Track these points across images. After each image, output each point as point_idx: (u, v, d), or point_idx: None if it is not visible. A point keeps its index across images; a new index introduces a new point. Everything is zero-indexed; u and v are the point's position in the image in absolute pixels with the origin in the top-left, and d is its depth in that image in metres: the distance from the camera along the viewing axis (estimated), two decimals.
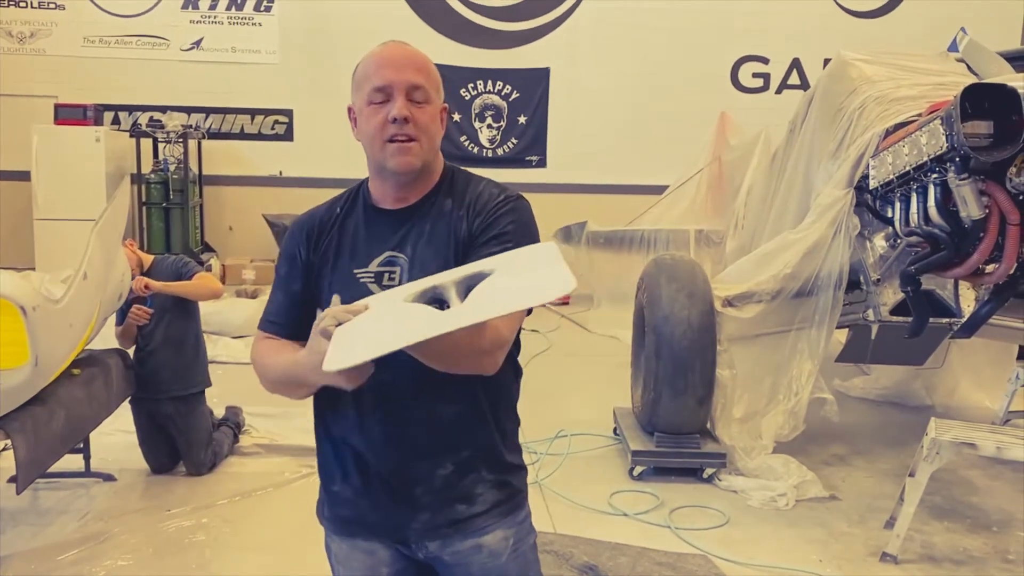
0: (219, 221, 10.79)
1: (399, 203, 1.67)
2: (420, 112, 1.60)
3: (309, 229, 1.70)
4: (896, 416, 5.53)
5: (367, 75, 1.62)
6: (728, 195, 7.66)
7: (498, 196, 1.66)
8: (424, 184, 1.68)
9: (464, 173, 1.74)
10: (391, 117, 1.57)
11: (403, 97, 1.58)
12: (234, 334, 7.15)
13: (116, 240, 3.80)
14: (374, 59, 1.63)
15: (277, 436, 4.76)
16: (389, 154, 1.60)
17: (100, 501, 3.98)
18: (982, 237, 3.62)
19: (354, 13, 10.44)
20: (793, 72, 10.92)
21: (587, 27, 10.75)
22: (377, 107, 1.59)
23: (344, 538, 1.71)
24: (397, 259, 1.61)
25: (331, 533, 1.74)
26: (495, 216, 1.62)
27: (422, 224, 1.65)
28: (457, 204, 1.66)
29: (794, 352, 4.46)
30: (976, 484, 4.37)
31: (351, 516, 1.68)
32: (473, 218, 1.63)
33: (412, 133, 1.58)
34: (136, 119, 10.40)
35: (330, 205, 1.74)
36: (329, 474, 1.70)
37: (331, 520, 1.73)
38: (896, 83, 4.56)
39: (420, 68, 1.62)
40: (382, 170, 1.64)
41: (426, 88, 1.61)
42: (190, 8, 10.44)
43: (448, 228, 1.63)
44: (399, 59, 1.61)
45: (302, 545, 3.56)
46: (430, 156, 1.65)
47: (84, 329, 3.42)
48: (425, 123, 1.60)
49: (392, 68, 1.60)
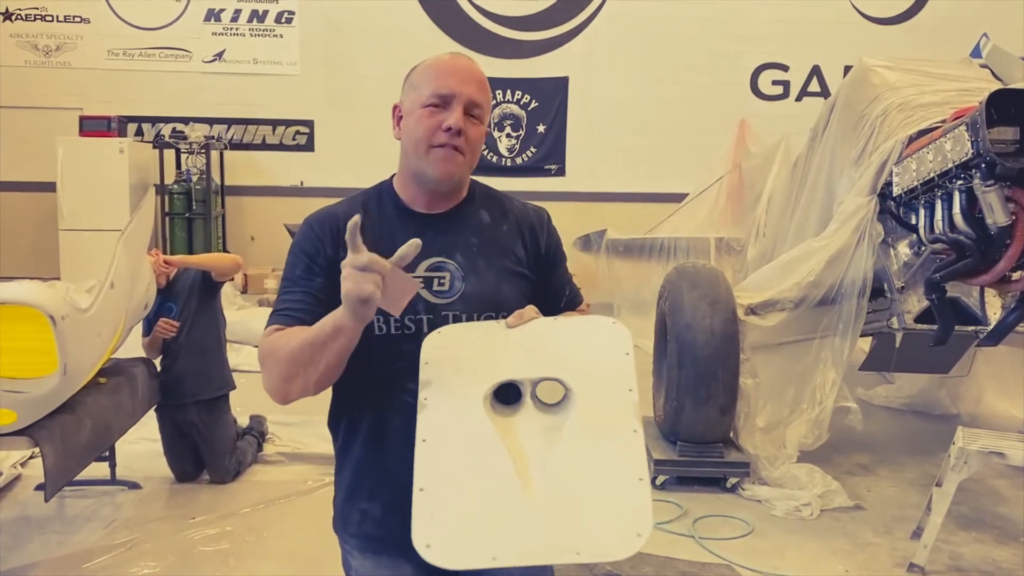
0: (241, 231, 10.87)
1: (431, 208, 1.68)
2: (473, 129, 1.61)
3: (333, 227, 1.62)
4: (920, 425, 5.48)
5: (428, 79, 1.61)
6: (748, 203, 7.63)
7: (545, 214, 1.78)
8: (455, 194, 1.70)
9: (485, 186, 1.77)
10: (446, 126, 1.57)
11: (462, 109, 1.58)
12: (256, 343, 7.15)
13: (142, 250, 3.85)
14: (439, 65, 1.63)
15: (300, 445, 4.78)
16: (433, 159, 1.59)
17: (126, 509, 4.01)
18: (1009, 244, 3.58)
19: (374, 24, 10.52)
20: (813, 79, 10.87)
21: (605, 36, 10.76)
22: (433, 111, 1.59)
23: (369, 555, 1.69)
24: (446, 265, 1.61)
25: (353, 550, 1.72)
26: (557, 237, 1.78)
27: (466, 234, 1.66)
28: (497, 217, 1.71)
29: (818, 361, 4.43)
30: (1003, 494, 4.32)
31: (380, 534, 1.66)
32: (531, 235, 1.72)
33: (461, 146, 1.59)
34: (159, 130, 10.51)
35: (350, 204, 1.69)
36: (355, 492, 1.69)
37: (357, 537, 1.71)
38: (919, 89, 4.54)
39: (482, 86, 1.63)
40: (420, 175, 1.63)
41: (483, 107, 1.63)
42: (212, 20, 10.56)
43: (497, 241, 1.69)
44: (464, 72, 1.62)
45: (325, 553, 3.56)
46: (468, 173, 1.67)
47: (111, 338, 3.46)
48: (474, 140, 1.62)
49: (456, 78, 1.60)
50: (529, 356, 1.50)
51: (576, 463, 1.40)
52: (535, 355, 1.50)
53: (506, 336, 1.53)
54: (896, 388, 5.92)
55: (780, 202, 6.28)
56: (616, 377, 1.49)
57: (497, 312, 1.61)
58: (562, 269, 1.79)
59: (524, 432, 1.44)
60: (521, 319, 1.52)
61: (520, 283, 1.68)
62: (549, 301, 1.74)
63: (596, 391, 1.47)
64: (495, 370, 1.48)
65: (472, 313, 1.60)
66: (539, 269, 1.72)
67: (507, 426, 1.45)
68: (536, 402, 1.49)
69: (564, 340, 1.53)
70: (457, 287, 1.61)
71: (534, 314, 1.54)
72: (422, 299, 1.58)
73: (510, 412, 1.48)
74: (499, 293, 1.64)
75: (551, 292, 1.76)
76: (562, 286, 1.79)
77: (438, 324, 1.57)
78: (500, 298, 1.63)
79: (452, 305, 1.60)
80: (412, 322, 1.58)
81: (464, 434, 1.42)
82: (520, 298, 1.66)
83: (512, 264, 1.68)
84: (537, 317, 1.54)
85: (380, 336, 1.57)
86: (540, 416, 1.47)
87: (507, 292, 1.65)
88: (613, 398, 1.47)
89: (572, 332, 1.55)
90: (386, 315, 1.48)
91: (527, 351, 1.51)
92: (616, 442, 1.42)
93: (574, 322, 1.58)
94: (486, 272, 1.63)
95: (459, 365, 1.49)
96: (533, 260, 1.71)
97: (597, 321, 1.57)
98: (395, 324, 1.57)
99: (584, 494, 1.37)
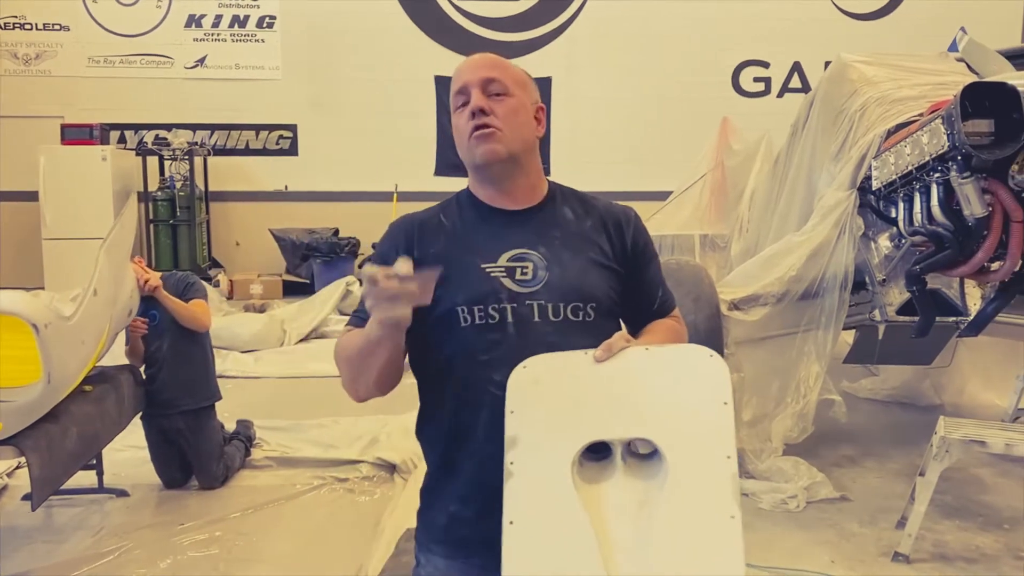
0: (226, 237, 10.86)
1: (509, 203, 1.68)
2: (498, 104, 1.62)
3: (408, 230, 1.68)
4: (905, 416, 5.53)
5: (452, 87, 1.68)
6: (732, 200, 7.67)
7: (632, 212, 1.76)
8: (528, 185, 1.70)
9: (567, 186, 1.77)
10: (469, 111, 1.61)
11: (478, 90, 1.62)
12: (243, 348, 7.18)
13: (125, 257, 3.84)
14: (455, 72, 1.69)
15: (288, 449, 4.77)
16: (474, 146, 1.62)
17: (114, 517, 4.00)
18: (986, 235, 3.63)
19: (356, 27, 10.53)
20: (794, 76, 10.96)
21: (587, 36, 10.82)
22: (461, 110, 1.64)
23: (455, 560, 1.66)
24: (529, 255, 1.61)
25: (440, 556, 1.68)
26: (646, 235, 1.75)
27: (549, 229, 1.67)
28: (581, 213, 1.71)
29: (801, 354, 4.46)
30: (986, 482, 4.36)
31: (471, 536, 1.60)
32: (616, 230, 1.70)
33: (490, 121, 1.60)
34: (142, 137, 10.49)
35: (430, 209, 1.74)
36: (443, 494, 1.66)
37: (444, 544, 1.67)
38: (896, 84, 4.58)
39: (494, 65, 1.66)
40: (475, 168, 1.66)
41: (502, 80, 1.64)
42: (193, 26, 10.55)
43: (581, 234, 1.68)
44: (474, 62, 1.68)
45: (317, 557, 3.60)
46: (516, 146, 1.64)
47: (95, 346, 3.45)
48: (504, 113, 1.62)
49: (467, 71, 1.66)
50: (620, 406, 1.42)
51: (668, 557, 1.31)
52: (626, 404, 1.42)
53: (595, 373, 1.44)
54: (881, 380, 5.96)
55: (762, 198, 6.31)
56: (713, 438, 1.39)
57: (584, 302, 1.60)
58: (654, 268, 1.76)
59: (613, 506, 1.36)
60: (610, 351, 1.46)
61: (607, 275, 1.66)
62: (642, 300, 1.73)
63: (692, 457, 1.38)
64: (584, 426, 1.40)
65: (558, 302, 1.59)
66: (628, 265, 1.70)
67: (595, 496, 1.37)
68: (626, 458, 1.42)
69: (658, 381, 1.43)
70: (540, 276, 1.60)
71: (623, 343, 1.47)
72: (505, 288, 1.58)
73: (599, 473, 1.41)
74: (585, 282, 1.62)
75: (643, 291, 1.73)
76: (655, 286, 1.75)
77: (522, 312, 1.57)
78: (586, 287, 1.62)
79: (536, 294, 1.59)
80: (496, 311, 1.57)
81: (551, 516, 1.34)
82: (608, 290, 1.65)
83: (598, 256, 1.66)
84: (626, 347, 1.47)
85: (465, 328, 1.58)
86: (630, 483, 1.39)
87: (593, 281, 1.63)
88: (710, 468, 1.37)
89: (666, 368, 1.46)
90: (469, 306, 1.56)
91: (617, 399, 1.42)
92: (712, 532, 1.32)
93: (668, 354, 1.50)
94: (571, 262, 1.62)
95: (545, 419, 1.41)
96: (620, 255, 1.69)
97: (693, 353, 1.47)
98: (479, 314, 1.57)
99: None
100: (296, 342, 7.66)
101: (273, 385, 6.43)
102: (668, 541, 1.31)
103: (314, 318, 8.04)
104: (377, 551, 3.55)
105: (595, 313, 1.60)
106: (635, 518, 1.34)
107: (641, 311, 1.72)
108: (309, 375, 6.60)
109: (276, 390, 6.27)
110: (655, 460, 1.40)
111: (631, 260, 1.70)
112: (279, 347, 7.50)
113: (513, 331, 1.56)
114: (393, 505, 4.00)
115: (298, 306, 8.43)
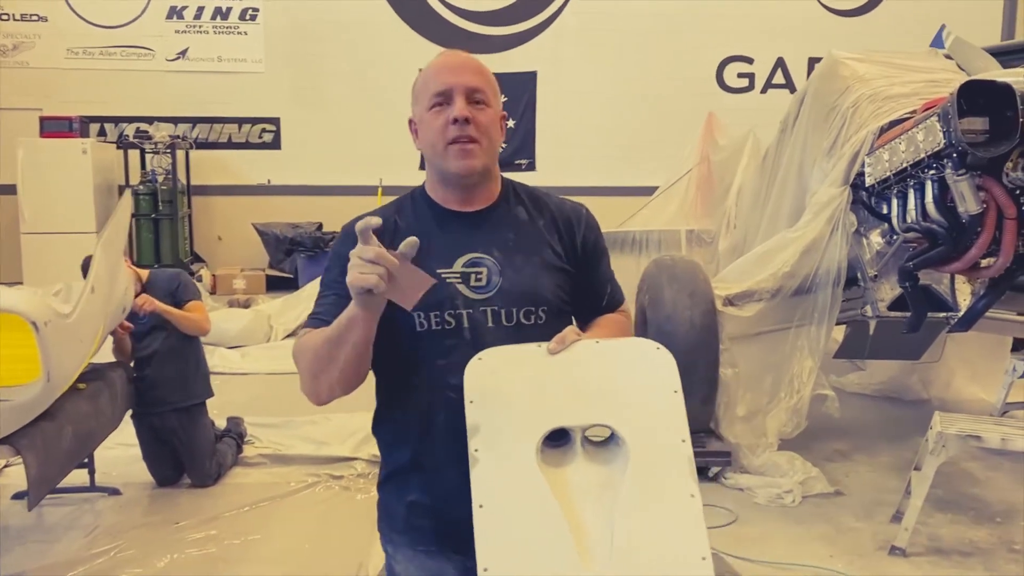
0: (208, 231, 10.76)
1: (466, 206, 1.69)
2: (480, 114, 1.61)
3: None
4: (894, 411, 5.58)
5: (426, 83, 1.64)
6: (718, 195, 7.69)
7: (583, 209, 1.77)
8: (488, 189, 1.70)
9: (520, 183, 1.78)
10: (452, 118, 1.58)
11: (463, 98, 1.60)
12: (229, 344, 7.12)
13: (119, 254, 3.79)
14: (433, 67, 1.66)
15: (281, 446, 4.74)
16: (451, 156, 1.61)
17: (107, 516, 3.96)
18: (980, 232, 3.66)
19: (339, 20, 10.45)
20: (778, 72, 11.02)
21: (573, 31, 10.80)
22: (438, 111, 1.61)
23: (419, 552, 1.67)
24: (483, 260, 1.62)
25: (399, 551, 1.70)
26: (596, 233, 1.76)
27: (503, 231, 1.67)
28: (534, 213, 1.71)
29: (795, 349, 4.49)
30: (977, 476, 4.42)
31: (432, 526, 1.64)
32: (567, 229, 1.71)
33: (473, 134, 1.59)
34: (123, 131, 10.36)
35: (384, 210, 1.72)
36: (403, 488, 1.67)
37: (406, 534, 1.68)
38: (888, 81, 4.61)
39: (478, 72, 1.64)
40: (444, 174, 1.65)
41: (485, 91, 1.63)
42: (175, 18, 10.43)
43: (534, 235, 1.69)
44: (457, 64, 1.65)
45: (316, 555, 3.58)
46: (490, 160, 1.66)
47: (91, 343, 3.40)
48: (485, 125, 1.62)
49: (451, 72, 1.62)
50: (578, 395, 1.47)
51: (636, 538, 1.36)
52: (583, 393, 1.47)
53: (549, 365, 1.50)
54: (868, 375, 6.02)
55: (750, 194, 6.34)
56: (667, 423, 1.46)
57: (536, 306, 1.62)
58: (604, 265, 1.78)
59: (578, 489, 1.42)
60: (563, 343, 1.51)
61: (558, 276, 1.68)
62: (591, 297, 1.76)
63: (648, 442, 1.44)
64: (544, 415, 1.45)
65: (511, 307, 1.61)
66: (578, 264, 1.72)
67: (559, 480, 1.42)
68: (586, 447, 1.47)
69: (610, 371, 1.50)
70: (495, 282, 1.61)
71: (575, 336, 1.53)
72: (460, 294, 1.60)
73: (560, 458, 1.46)
74: (537, 287, 1.64)
75: (593, 288, 1.76)
76: (604, 283, 1.78)
77: (477, 318, 1.59)
78: (537, 291, 1.64)
79: (491, 300, 1.61)
80: (452, 317, 1.59)
81: (520, 499, 1.39)
82: (558, 291, 1.67)
83: (550, 258, 1.68)
84: (578, 340, 1.53)
85: (421, 333, 1.59)
86: (591, 467, 1.45)
87: (545, 285, 1.65)
88: (666, 452, 1.44)
89: (617, 360, 1.52)
90: (426, 312, 1.55)
91: (574, 387, 1.48)
92: (675, 512, 1.40)
93: (618, 347, 1.56)
94: (524, 266, 1.63)
95: (506, 406, 1.46)
96: (571, 254, 1.71)
97: (641, 346, 1.55)
98: (435, 320, 1.59)
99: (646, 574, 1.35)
100: (283, 337, 7.61)
101: (261, 381, 6.38)
102: (634, 520, 1.38)
103: (301, 313, 7.97)
104: (377, 548, 3.53)
105: (546, 315, 1.64)
106: (599, 499, 1.41)
107: (590, 307, 1.76)
108: (297, 371, 6.55)
109: (265, 386, 6.22)
110: (611, 446, 1.48)
111: (581, 259, 1.72)
112: (266, 343, 7.45)
113: (469, 336, 1.59)
114: None
115: (283, 301, 8.37)
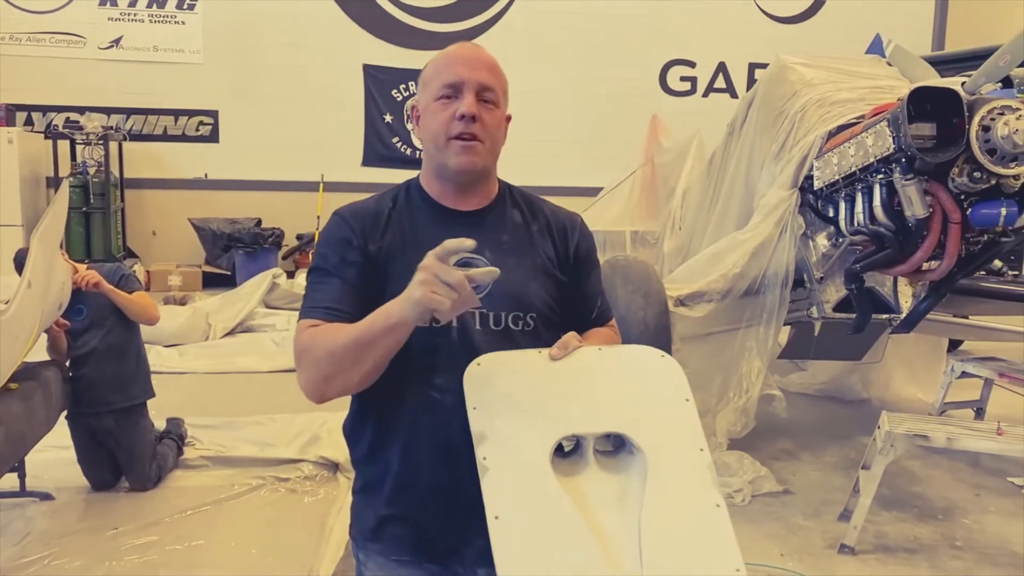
0: (142, 226, 10.44)
1: (461, 204, 1.64)
2: (488, 113, 1.57)
3: (364, 219, 1.60)
4: (836, 410, 5.69)
5: (437, 71, 1.59)
6: (662, 197, 7.76)
7: (577, 218, 1.74)
8: (486, 189, 1.66)
9: (519, 189, 1.74)
10: (459, 114, 1.53)
11: (473, 95, 1.55)
12: (166, 343, 6.90)
13: (55, 248, 3.62)
14: (447, 56, 1.60)
15: (223, 448, 4.59)
16: (452, 152, 1.56)
17: (39, 522, 3.77)
18: (926, 235, 3.74)
19: (281, 12, 10.24)
20: (719, 76, 11.17)
21: (519, 30, 10.78)
22: (445, 103, 1.56)
23: (390, 560, 1.62)
24: (475, 260, 1.56)
25: (375, 555, 1.64)
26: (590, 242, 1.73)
27: (496, 232, 1.63)
28: (529, 219, 1.68)
29: (743, 350, 4.53)
30: (918, 474, 4.52)
31: (404, 534, 1.60)
32: (561, 236, 1.68)
33: (478, 132, 1.55)
34: (51, 120, 9.97)
35: (378, 200, 1.65)
36: (381, 494, 1.61)
37: (379, 542, 1.63)
38: (835, 86, 4.68)
39: (492, 69, 1.59)
40: (442, 168, 1.60)
41: (496, 91, 1.59)
42: (108, 5, 10.09)
43: (529, 241, 1.66)
44: (472, 58, 1.59)
45: (263, 559, 3.46)
46: (491, 161, 1.62)
47: (27, 341, 3.24)
48: (491, 125, 1.57)
49: (465, 65, 1.57)
50: (586, 402, 1.43)
51: (667, 549, 1.31)
52: (592, 401, 1.43)
53: (553, 371, 1.46)
54: (810, 375, 6.12)
55: (696, 196, 6.39)
56: (683, 432, 1.43)
57: (524, 312, 1.58)
58: (595, 276, 1.74)
59: (594, 499, 1.37)
60: (566, 349, 1.49)
61: (549, 283, 1.64)
62: (581, 309, 1.71)
63: (666, 451, 1.40)
64: (554, 422, 1.40)
65: (499, 311, 1.57)
66: (570, 272, 1.68)
67: (575, 489, 1.37)
68: (598, 456, 1.43)
69: (616, 379, 1.47)
70: (484, 284, 1.55)
71: (577, 343, 1.51)
72: None
73: (571, 468, 1.41)
74: (526, 292, 1.60)
75: (583, 299, 1.71)
76: (594, 295, 1.74)
77: (465, 319, 1.54)
78: (527, 297, 1.60)
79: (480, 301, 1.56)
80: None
81: (538, 508, 1.33)
82: (548, 299, 1.63)
83: (542, 263, 1.64)
84: (580, 346, 1.50)
85: None
86: (605, 476, 1.40)
87: (535, 291, 1.61)
88: (687, 461, 1.40)
89: (623, 367, 1.49)
90: None
91: (580, 394, 1.44)
92: (704, 523, 1.35)
93: (622, 354, 1.53)
94: (515, 270, 1.59)
95: (512, 414, 1.41)
96: (564, 262, 1.68)
97: (645, 354, 1.52)
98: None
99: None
100: (222, 336, 7.41)
101: (200, 380, 6.20)
102: (662, 531, 1.33)
103: (240, 311, 7.80)
104: (327, 552, 3.46)
105: (535, 323, 1.60)
106: (620, 509, 1.36)
107: (580, 319, 1.71)
108: (237, 370, 6.42)
109: (204, 386, 6.04)
110: (623, 455, 1.43)
111: (573, 267, 1.69)
112: (204, 341, 7.24)
113: (456, 336, 1.55)
114: (339, 505, 3.89)
115: (221, 298, 8.16)
